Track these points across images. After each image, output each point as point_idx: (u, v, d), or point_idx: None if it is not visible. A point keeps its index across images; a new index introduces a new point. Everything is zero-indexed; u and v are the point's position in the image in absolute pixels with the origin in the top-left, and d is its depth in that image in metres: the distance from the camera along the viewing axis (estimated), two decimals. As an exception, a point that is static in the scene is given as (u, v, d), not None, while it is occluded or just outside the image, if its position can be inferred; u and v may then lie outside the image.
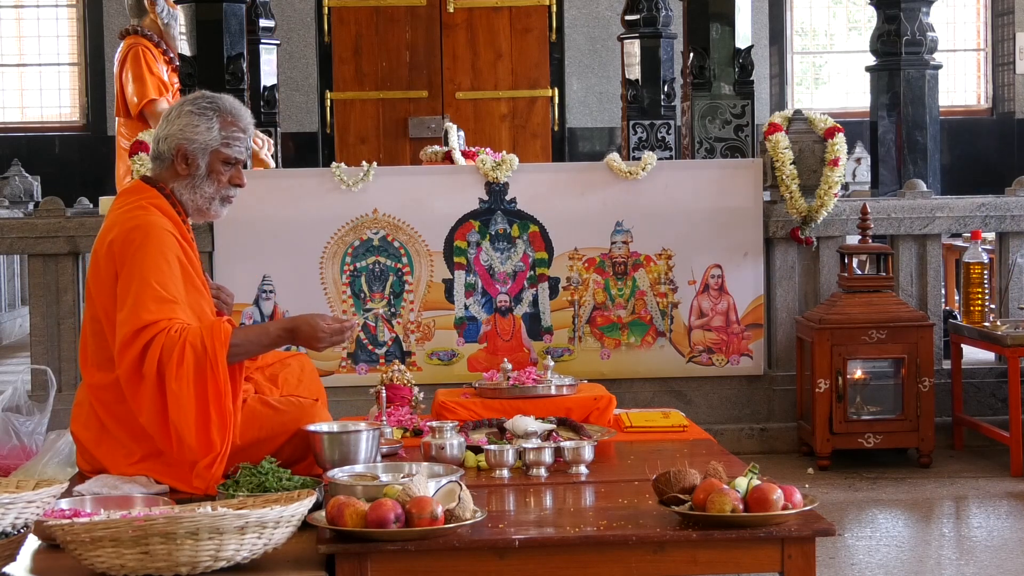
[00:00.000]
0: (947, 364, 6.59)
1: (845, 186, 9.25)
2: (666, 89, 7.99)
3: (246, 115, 4.22)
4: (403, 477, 3.67)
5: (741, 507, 3.38)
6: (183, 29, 7.00)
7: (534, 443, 4.09)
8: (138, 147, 6.34)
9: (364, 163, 6.41)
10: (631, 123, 7.91)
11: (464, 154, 6.57)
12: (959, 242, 8.48)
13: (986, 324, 6.30)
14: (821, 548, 3.97)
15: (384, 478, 3.70)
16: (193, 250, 4.18)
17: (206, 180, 4.16)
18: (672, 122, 7.99)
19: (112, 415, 4.04)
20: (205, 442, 3.89)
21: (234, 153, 4.17)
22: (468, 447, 4.23)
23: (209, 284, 4.29)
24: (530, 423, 4.24)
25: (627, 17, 8.13)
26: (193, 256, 4.15)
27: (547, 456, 4.05)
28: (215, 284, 4.38)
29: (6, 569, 3.30)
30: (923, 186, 6.90)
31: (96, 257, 4.09)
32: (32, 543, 3.44)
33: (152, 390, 3.91)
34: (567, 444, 4.13)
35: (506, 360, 5.19)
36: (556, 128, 11.28)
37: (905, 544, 5.01)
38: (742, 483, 3.43)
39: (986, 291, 6.40)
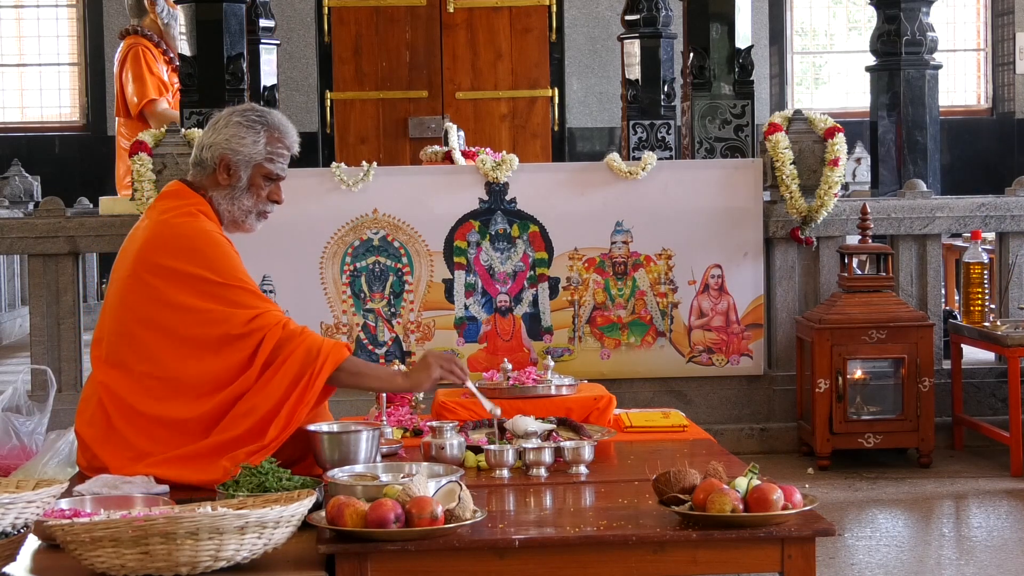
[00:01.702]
0: (947, 364, 6.60)
1: (845, 186, 9.25)
2: (666, 89, 7.99)
3: (293, 133, 4.22)
4: (403, 477, 3.67)
5: (741, 507, 3.37)
6: (183, 29, 7.00)
7: (534, 443, 4.09)
8: (138, 147, 6.35)
9: (364, 163, 6.41)
10: (631, 123, 7.91)
11: (464, 154, 6.58)
12: (959, 242, 8.48)
13: (986, 324, 6.31)
14: (821, 548, 3.98)
15: (384, 478, 3.70)
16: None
17: (246, 193, 4.16)
18: (672, 122, 7.99)
19: (122, 415, 4.03)
20: (259, 430, 3.92)
21: (277, 169, 4.18)
22: (468, 447, 4.23)
23: None
24: (530, 423, 4.23)
25: (627, 17, 8.13)
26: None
27: (547, 456, 4.05)
28: None
29: (6, 569, 3.30)
30: (923, 186, 6.91)
31: (144, 263, 4.04)
32: (32, 543, 3.44)
33: (254, 376, 3.96)
34: (567, 444, 4.13)
35: (506, 360, 5.18)
36: (556, 128, 11.28)
37: (905, 544, 5.01)
38: (742, 483, 3.43)
39: (986, 291, 6.40)
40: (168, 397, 4.00)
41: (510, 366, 5.05)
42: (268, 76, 7.67)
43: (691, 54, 7.09)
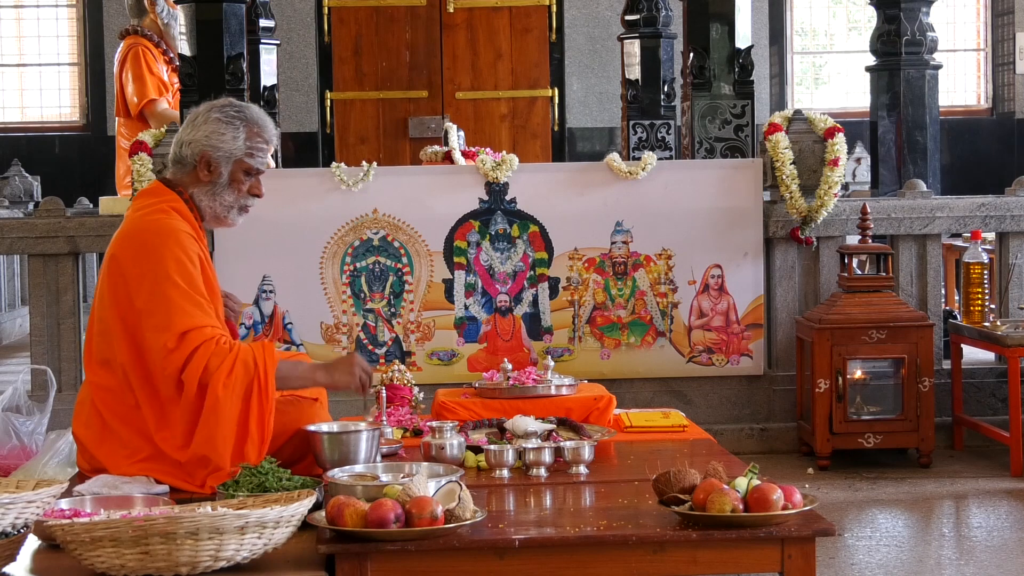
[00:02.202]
0: (947, 364, 6.59)
1: (845, 186, 9.25)
2: (666, 89, 7.98)
3: (271, 127, 4.24)
4: (403, 477, 3.67)
5: (741, 507, 3.38)
6: (183, 29, 6.99)
7: (534, 443, 4.09)
8: (138, 147, 6.34)
9: (364, 163, 6.41)
10: (631, 123, 7.91)
11: (464, 154, 6.58)
12: (959, 242, 8.48)
13: (986, 324, 6.30)
14: (821, 548, 3.98)
15: (384, 478, 3.70)
16: (208, 256, 4.19)
17: (227, 188, 4.18)
18: (672, 122, 7.99)
19: (115, 414, 4.04)
20: (239, 455, 3.93)
21: (257, 164, 4.19)
22: (468, 447, 4.23)
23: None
24: (530, 423, 4.24)
25: (627, 17, 8.13)
26: (208, 261, 4.17)
27: (547, 456, 4.05)
28: (224, 292, 4.39)
29: (6, 569, 3.30)
30: (923, 186, 6.90)
31: (113, 258, 4.08)
32: (32, 543, 3.44)
33: (192, 395, 3.94)
34: (567, 444, 4.13)
35: (506, 360, 5.18)
36: (556, 128, 11.28)
37: (905, 544, 5.01)
38: (742, 483, 3.43)
39: (986, 291, 6.40)
40: (147, 392, 4.01)
41: (510, 366, 5.06)
42: (268, 76, 7.67)
43: (691, 54, 7.09)
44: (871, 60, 7.91)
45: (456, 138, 6.63)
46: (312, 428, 4.03)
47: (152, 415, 4.00)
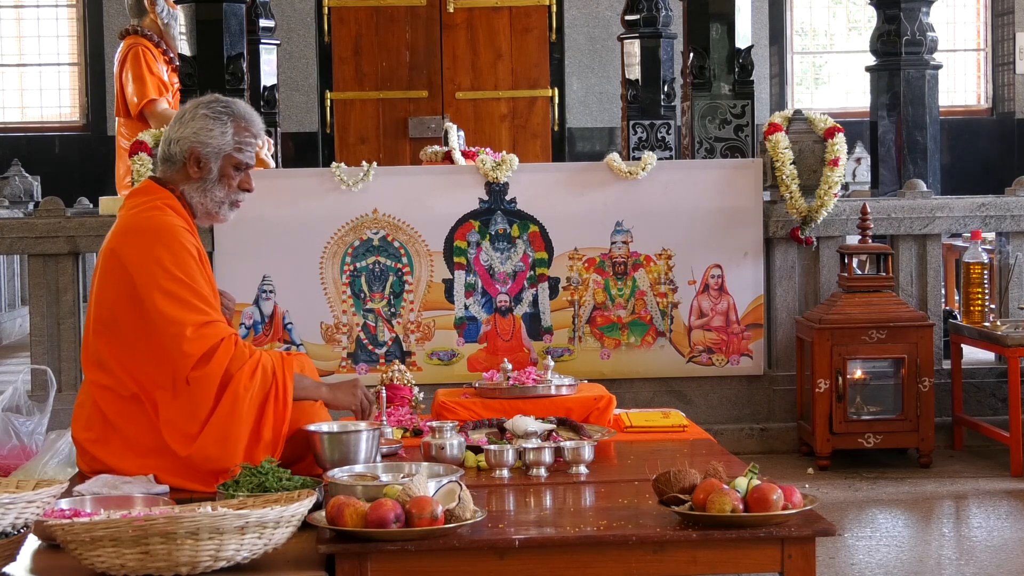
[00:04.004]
0: (947, 364, 6.60)
1: (845, 186, 9.25)
2: (666, 89, 7.99)
3: (258, 121, 4.25)
4: (403, 477, 3.67)
5: (741, 507, 3.37)
6: (183, 29, 7.00)
7: (534, 443, 4.09)
8: (138, 147, 6.34)
9: (364, 163, 6.41)
10: (631, 123, 7.91)
11: (464, 154, 6.58)
12: (959, 242, 8.48)
13: (986, 324, 6.30)
14: (821, 548, 3.98)
15: (384, 478, 3.70)
16: (205, 253, 4.20)
17: (217, 184, 4.18)
18: (672, 122, 7.99)
19: (118, 412, 4.04)
20: (249, 457, 3.93)
21: (245, 158, 4.20)
22: (468, 447, 4.23)
23: None
24: (530, 423, 4.24)
25: (627, 17, 8.13)
26: (206, 259, 4.18)
27: (547, 456, 4.05)
28: (219, 290, 4.39)
29: (6, 569, 3.30)
30: (923, 186, 6.91)
31: (112, 255, 4.07)
32: (32, 543, 3.44)
33: (207, 392, 3.95)
34: (567, 444, 4.13)
35: (506, 360, 5.18)
36: (556, 128, 11.28)
37: (905, 544, 5.01)
38: (742, 483, 3.43)
39: (986, 291, 6.40)
40: (147, 389, 4.01)
41: (510, 366, 5.05)
42: (268, 76, 7.67)
43: (691, 54, 7.09)
44: (871, 60, 7.91)
45: (456, 138, 6.63)
46: (312, 428, 4.03)
47: (156, 409, 4.00)
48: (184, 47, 6.99)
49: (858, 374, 6.17)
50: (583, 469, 4.08)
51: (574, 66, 11.81)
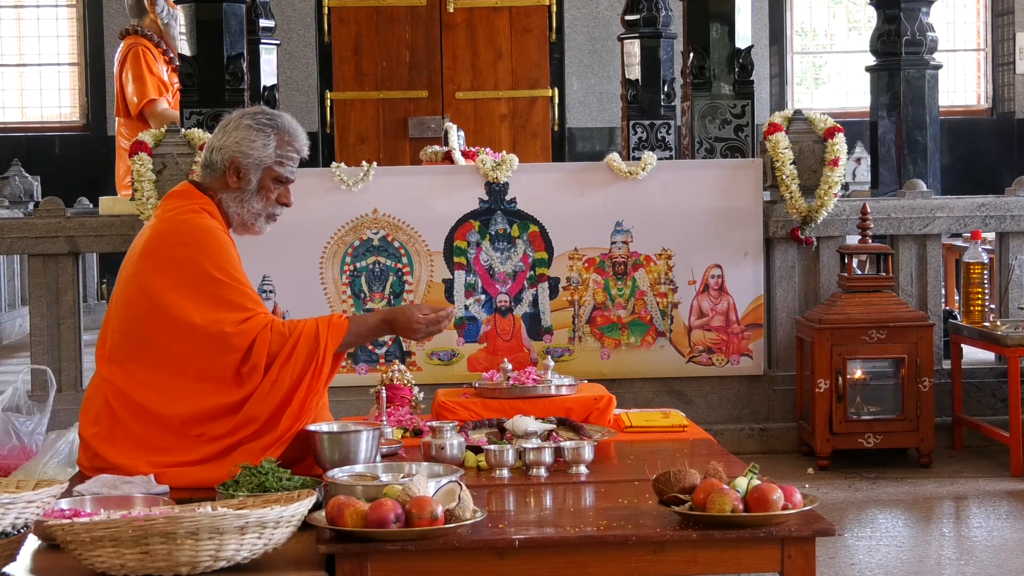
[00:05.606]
0: (947, 364, 6.60)
1: (845, 186, 9.25)
2: (666, 89, 7.98)
3: (303, 136, 4.24)
4: (403, 477, 3.67)
5: (741, 507, 3.37)
6: (183, 29, 7.00)
7: (534, 443, 4.09)
8: (138, 147, 6.35)
9: (364, 163, 6.42)
10: (631, 123, 7.91)
11: (464, 154, 6.57)
12: (959, 242, 8.48)
13: (986, 324, 6.31)
14: (821, 548, 3.97)
15: (384, 478, 3.70)
16: (239, 258, 4.22)
17: (255, 196, 4.18)
18: (672, 122, 7.99)
19: (127, 409, 4.03)
20: (273, 423, 3.95)
21: (286, 172, 4.19)
22: (468, 447, 4.23)
23: None
24: (530, 423, 4.23)
25: (627, 17, 8.13)
26: (240, 262, 4.19)
27: (547, 456, 4.05)
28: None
29: (6, 569, 3.30)
30: (923, 186, 6.91)
31: (150, 256, 4.06)
32: (32, 543, 3.44)
33: (252, 382, 3.99)
34: (567, 444, 4.12)
35: (506, 360, 5.18)
36: (556, 128, 11.28)
37: (905, 544, 5.01)
38: (742, 483, 3.43)
39: (986, 291, 6.40)
40: (168, 392, 4.01)
41: (510, 366, 5.05)
42: (268, 76, 7.67)
43: (691, 54, 7.09)
44: (871, 60, 7.91)
45: (456, 138, 6.63)
46: (312, 428, 4.02)
47: (165, 410, 4.00)
48: (184, 47, 6.99)
49: (858, 374, 6.17)
50: (583, 469, 4.08)
51: (574, 66, 11.81)
